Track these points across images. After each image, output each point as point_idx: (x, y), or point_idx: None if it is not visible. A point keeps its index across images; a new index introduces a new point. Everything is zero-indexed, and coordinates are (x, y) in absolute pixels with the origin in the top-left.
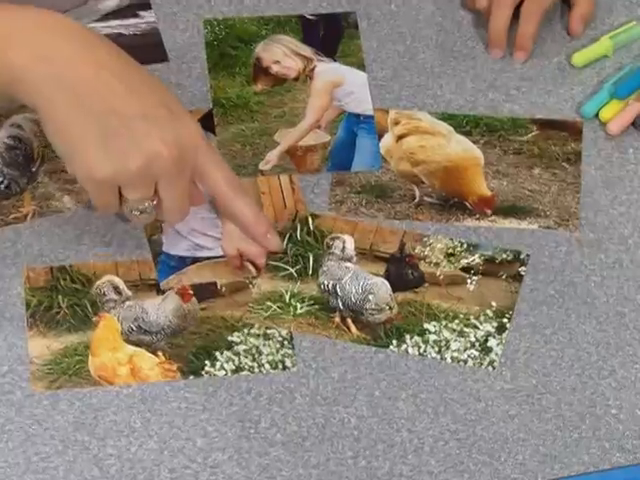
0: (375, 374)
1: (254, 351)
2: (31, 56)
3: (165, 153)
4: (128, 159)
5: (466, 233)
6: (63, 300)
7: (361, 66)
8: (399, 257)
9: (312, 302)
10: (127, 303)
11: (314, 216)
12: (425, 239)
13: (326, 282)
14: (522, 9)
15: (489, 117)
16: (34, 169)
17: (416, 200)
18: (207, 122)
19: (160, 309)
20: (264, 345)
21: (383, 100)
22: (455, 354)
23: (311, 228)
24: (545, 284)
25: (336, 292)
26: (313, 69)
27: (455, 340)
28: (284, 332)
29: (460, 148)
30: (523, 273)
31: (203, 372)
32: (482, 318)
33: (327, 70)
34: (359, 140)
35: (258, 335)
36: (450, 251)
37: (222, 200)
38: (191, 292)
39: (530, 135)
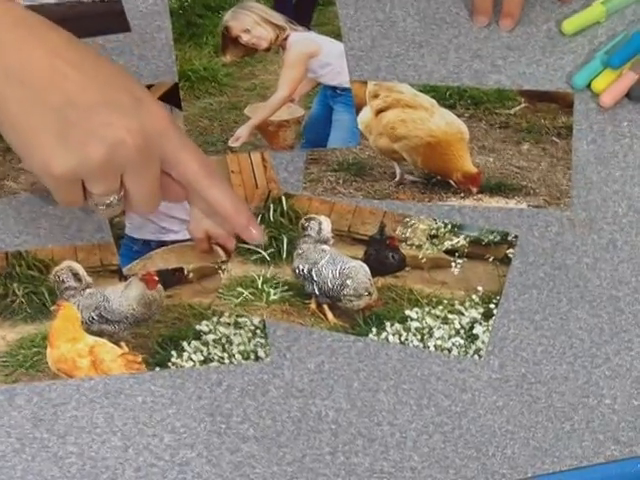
0: (354, 364)
1: (224, 341)
2: None
3: (129, 141)
4: (89, 150)
5: (450, 213)
6: (19, 288)
7: (337, 35)
8: (379, 239)
9: (286, 288)
10: (87, 291)
11: (288, 196)
12: (406, 220)
13: (301, 266)
14: None
15: (474, 89)
16: None
17: (397, 178)
18: (172, 96)
19: (123, 297)
20: (235, 334)
21: (361, 71)
22: (439, 342)
23: (285, 209)
24: (535, 267)
25: (312, 277)
26: (286, 38)
27: (439, 327)
28: (256, 320)
29: (443, 122)
30: (511, 255)
31: (170, 363)
32: (467, 304)
33: (301, 40)
34: (335, 115)
35: (228, 324)
36: (433, 232)
37: (196, 189)
38: (156, 278)
39: (518, 108)
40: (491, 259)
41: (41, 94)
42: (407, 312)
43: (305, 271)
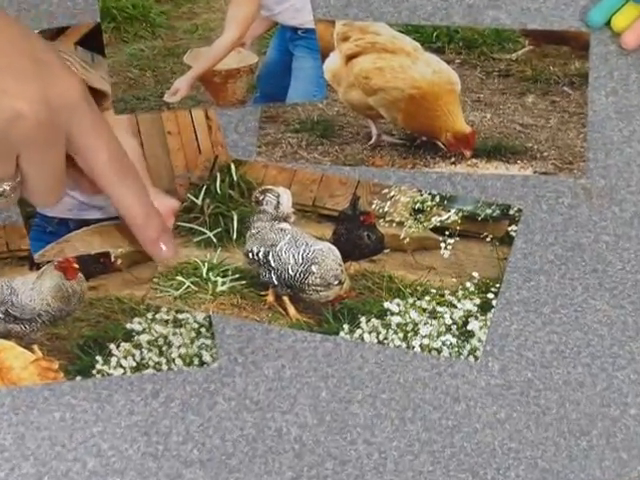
0: (321, 369)
1: (161, 342)
2: None
3: (28, 114)
4: None
5: (438, 182)
6: None
7: None
8: (351, 215)
9: (237, 276)
10: None
11: (238, 163)
12: (385, 191)
13: (255, 249)
14: None
15: (467, 29)
16: None
17: (372, 140)
18: (93, 40)
19: (35, 289)
20: (174, 334)
21: (327, 8)
22: (426, 341)
23: (234, 179)
24: (542, 248)
25: (268, 262)
26: None
27: (425, 323)
28: (201, 316)
29: (429, 70)
30: (513, 234)
31: (94, 371)
32: (460, 294)
33: None
34: (296, 62)
35: (166, 321)
36: (418, 206)
37: (101, 184)
38: (76, 266)
39: (521, 52)
40: (489, 238)
41: None
42: (386, 305)
43: (260, 255)
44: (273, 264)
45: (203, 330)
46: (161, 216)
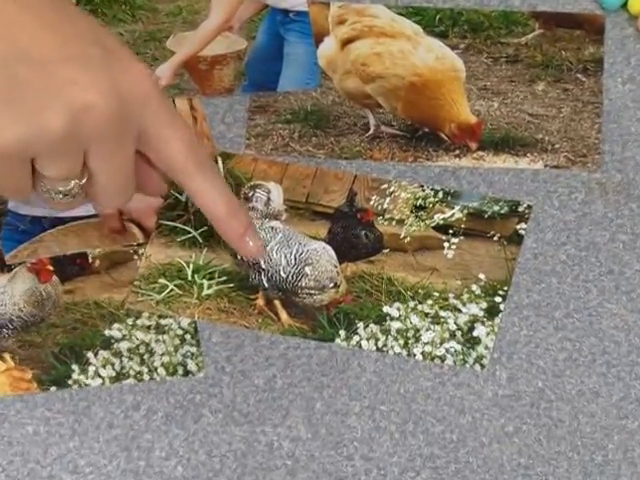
0: (316, 379)
1: (143, 350)
2: None
3: (100, 105)
4: (45, 118)
5: (441, 177)
6: None
7: None
8: (347, 212)
9: (224, 278)
10: None
11: (225, 156)
12: (384, 186)
13: None
14: None
15: (472, 11)
16: None
17: (370, 131)
18: None
19: (6, 293)
20: (157, 341)
21: None
22: (428, 348)
23: (221, 173)
24: (554, 247)
25: (258, 264)
26: None
27: (428, 329)
28: (185, 322)
29: (432, 56)
30: (523, 232)
31: (70, 381)
32: (465, 297)
33: None
34: (288, 47)
35: (148, 327)
36: (419, 203)
37: (179, 179)
38: (51, 268)
39: (531, 36)
40: (496, 237)
41: None
42: (386, 309)
43: None
44: (263, 265)
45: (188, 337)
46: (245, 209)
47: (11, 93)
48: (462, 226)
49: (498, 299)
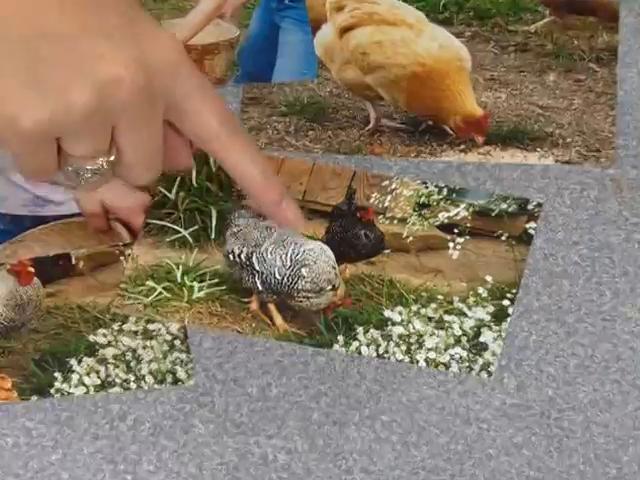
0: (313, 387)
1: (129, 357)
2: None
3: (127, 79)
4: (70, 95)
5: (446, 173)
6: None
7: None
8: (346, 211)
9: (216, 281)
10: None
11: None
12: (385, 183)
13: (237, 250)
14: None
15: None
16: None
17: (371, 125)
18: None
19: None
20: (144, 348)
21: None
22: (432, 355)
23: (213, 169)
24: (565, 247)
25: (252, 265)
26: None
27: (431, 334)
28: (174, 327)
29: (435, 45)
30: (532, 232)
31: (52, 390)
32: (471, 300)
33: None
34: (283, 35)
35: (135, 332)
36: (423, 201)
37: (214, 151)
38: (31, 269)
39: (541, 23)
40: (504, 237)
41: (4, 23)
42: (387, 313)
43: (242, 257)
44: (257, 267)
45: (177, 343)
46: (278, 177)
47: (33, 72)
48: (468, 225)
49: (506, 302)
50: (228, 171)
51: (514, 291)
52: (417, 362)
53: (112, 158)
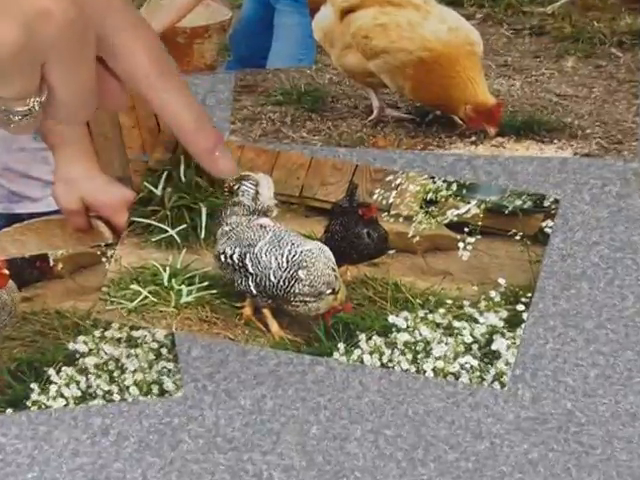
0: (311, 399)
1: (112, 366)
2: None
3: (56, 12)
4: None
5: (455, 167)
6: None
7: None
8: (347, 208)
9: (206, 284)
10: None
11: None
12: (389, 178)
13: (229, 251)
14: None
15: None
16: None
17: (374, 115)
18: None
19: None
20: (128, 356)
21: None
22: (440, 364)
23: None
24: (584, 247)
25: (245, 267)
26: None
27: (440, 342)
28: (161, 334)
29: (444, 28)
30: (549, 230)
31: (29, 402)
32: (483, 305)
33: None
34: (279, 17)
35: (118, 340)
36: (430, 197)
37: (143, 91)
38: (6, 272)
39: (558, 4)
40: (518, 236)
41: None
42: (392, 319)
43: (235, 258)
44: (251, 269)
45: (164, 351)
46: (213, 123)
47: None
48: (479, 223)
49: (520, 307)
50: (158, 113)
51: (529, 295)
52: (424, 372)
53: (43, 98)
